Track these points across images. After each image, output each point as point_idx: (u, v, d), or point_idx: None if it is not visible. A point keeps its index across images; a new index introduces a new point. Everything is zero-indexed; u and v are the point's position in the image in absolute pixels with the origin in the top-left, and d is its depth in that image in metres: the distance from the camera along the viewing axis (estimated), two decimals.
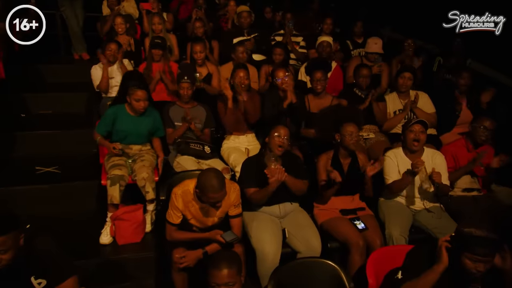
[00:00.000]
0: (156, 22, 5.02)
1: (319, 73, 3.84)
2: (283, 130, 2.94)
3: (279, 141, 2.91)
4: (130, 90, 3.38)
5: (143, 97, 3.37)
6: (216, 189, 2.40)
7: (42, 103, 5.03)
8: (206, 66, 4.42)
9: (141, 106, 3.40)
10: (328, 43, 4.65)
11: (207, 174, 2.44)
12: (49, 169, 3.94)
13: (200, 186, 2.43)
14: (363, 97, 4.02)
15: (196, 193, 2.52)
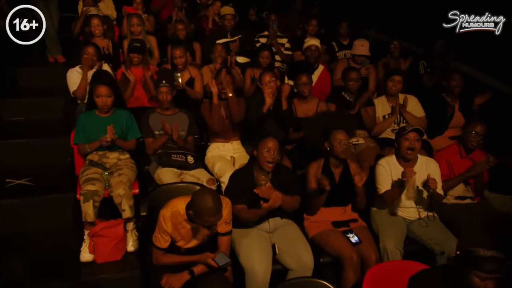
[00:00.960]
0: (134, 23, 4.76)
1: (304, 76, 3.67)
2: (272, 143, 2.73)
3: (269, 157, 2.71)
4: (93, 88, 3.22)
5: (104, 92, 3.19)
6: (213, 212, 2.20)
7: (14, 109, 4.73)
8: (188, 70, 4.19)
9: (103, 102, 3.20)
10: (317, 47, 4.48)
11: (203, 196, 2.22)
12: (21, 181, 3.65)
13: (195, 208, 2.22)
14: (352, 101, 3.87)
15: (189, 214, 2.31)
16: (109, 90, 3.18)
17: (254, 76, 4.39)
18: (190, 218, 2.33)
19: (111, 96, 3.22)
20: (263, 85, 3.46)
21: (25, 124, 4.58)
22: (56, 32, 5.60)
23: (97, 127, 3.23)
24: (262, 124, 3.35)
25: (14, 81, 5.22)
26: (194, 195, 2.24)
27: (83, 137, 3.23)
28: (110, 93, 3.20)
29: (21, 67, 5.41)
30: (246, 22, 6.04)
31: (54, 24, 5.57)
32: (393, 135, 3.85)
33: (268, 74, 3.49)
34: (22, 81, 5.27)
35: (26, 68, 5.45)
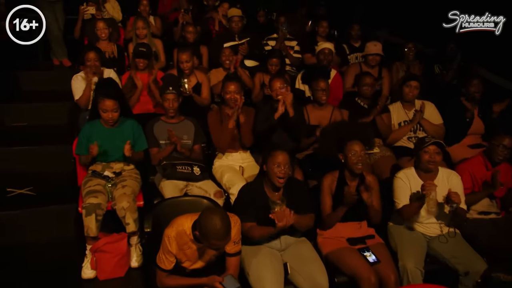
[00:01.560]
0: (140, 26, 4.60)
1: (323, 82, 3.47)
2: (282, 157, 2.52)
3: (280, 173, 2.52)
4: (98, 100, 3.04)
5: (110, 107, 3.01)
6: (221, 236, 2.03)
7: (17, 114, 4.61)
8: (194, 75, 4.01)
9: (109, 117, 3.04)
10: (330, 50, 4.28)
11: (210, 217, 2.03)
12: (22, 191, 3.51)
13: (202, 230, 2.04)
14: (367, 108, 3.67)
15: (195, 235, 2.13)
16: (116, 104, 3.01)
17: (263, 81, 4.21)
18: (196, 238, 2.16)
19: (118, 111, 3.05)
20: (273, 92, 3.27)
21: (28, 130, 4.46)
22: (62, 34, 5.45)
23: (103, 139, 3.07)
24: (272, 134, 3.15)
25: (17, 85, 5.12)
26: (202, 216, 2.07)
27: (86, 148, 3.07)
28: (117, 107, 3.03)
29: (24, 71, 5.30)
30: (254, 24, 5.85)
31: (59, 26, 5.42)
32: (409, 143, 3.68)
33: (278, 80, 3.30)
34: (26, 85, 5.16)
35: (29, 71, 5.34)
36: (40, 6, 5.23)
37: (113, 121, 3.07)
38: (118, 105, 3.04)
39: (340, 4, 6.61)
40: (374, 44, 4.39)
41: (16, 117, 4.58)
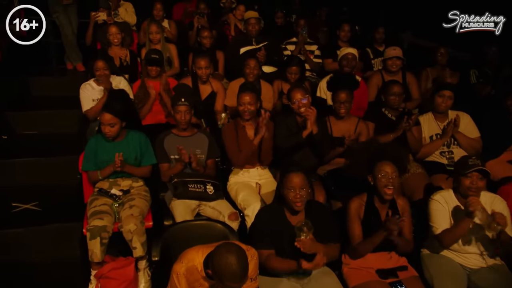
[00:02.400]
0: (153, 31, 4.37)
1: (343, 93, 3.16)
2: (297, 180, 2.23)
3: (295, 198, 2.24)
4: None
5: (108, 121, 2.81)
6: (238, 278, 1.77)
7: (27, 121, 4.41)
8: (209, 83, 3.76)
9: (105, 131, 2.83)
10: (354, 56, 3.97)
11: (225, 257, 1.77)
12: (28, 206, 3.30)
13: (216, 270, 1.78)
14: (395, 120, 3.35)
15: (208, 273, 1.87)
16: (114, 118, 2.81)
17: (282, 89, 3.93)
18: (209, 276, 1.89)
19: (115, 126, 2.83)
20: (294, 103, 2.98)
21: (37, 138, 4.26)
22: (75, 38, 5.26)
23: (109, 153, 2.87)
24: (297, 152, 2.87)
25: (29, 92, 4.93)
26: (215, 254, 1.80)
27: (93, 164, 2.87)
28: (116, 122, 2.82)
29: (37, 76, 5.12)
30: (272, 27, 5.55)
31: (73, 30, 5.25)
32: (441, 158, 3.36)
33: (299, 90, 3.01)
34: (37, 91, 4.96)
35: (42, 77, 5.17)
36: (54, 10, 5.13)
37: (111, 136, 2.86)
38: (117, 120, 2.83)
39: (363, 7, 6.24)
40: (393, 49, 4.06)
41: (26, 125, 4.39)
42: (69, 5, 5.14)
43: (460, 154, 3.28)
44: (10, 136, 4.22)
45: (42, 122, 4.42)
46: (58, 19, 5.16)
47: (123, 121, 2.85)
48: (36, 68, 5.37)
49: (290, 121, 3.03)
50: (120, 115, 2.81)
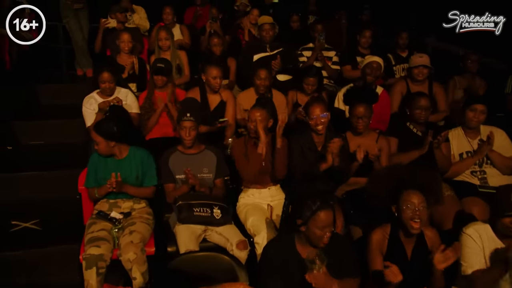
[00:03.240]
0: (163, 37, 4.15)
1: (361, 107, 2.87)
2: (327, 216, 1.97)
3: (326, 238, 1.98)
4: None
5: (94, 137, 2.68)
6: None
7: (34, 131, 4.27)
8: (218, 92, 3.52)
9: (94, 147, 2.69)
10: (379, 65, 3.64)
11: None
12: (27, 225, 3.12)
13: None
14: (421, 135, 3.05)
15: None
16: (98, 137, 2.65)
17: (297, 100, 3.66)
18: None
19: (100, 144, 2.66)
20: (312, 119, 2.71)
21: (43, 149, 4.11)
22: (86, 43, 5.12)
23: (109, 171, 2.67)
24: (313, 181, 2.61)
25: (37, 100, 4.81)
26: None
27: (94, 180, 2.70)
28: (100, 141, 2.65)
29: (45, 83, 5.00)
30: (287, 32, 5.26)
31: (84, 36, 5.12)
32: (473, 178, 3.06)
33: (319, 105, 2.73)
34: (46, 99, 4.85)
35: (50, 84, 5.03)
36: (64, 15, 4.99)
37: (101, 154, 2.70)
38: (101, 139, 2.65)
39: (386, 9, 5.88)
40: (419, 56, 3.74)
41: (33, 135, 4.24)
42: (80, 10, 5.01)
43: (493, 174, 3.01)
44: (15, 146, 4.10)
45: (49, 132, 4.27)
46: (68, 24, 5.03)
47: (112, 141, 2.65)
48: (46, 74, 5.26)
49: (305, 140, 2.77)
50: (107, 136, 2.63)
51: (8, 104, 4.42)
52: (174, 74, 4.19)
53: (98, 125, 2.70)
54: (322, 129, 2.67)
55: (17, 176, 3.56)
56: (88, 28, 5.16)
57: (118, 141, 2.70)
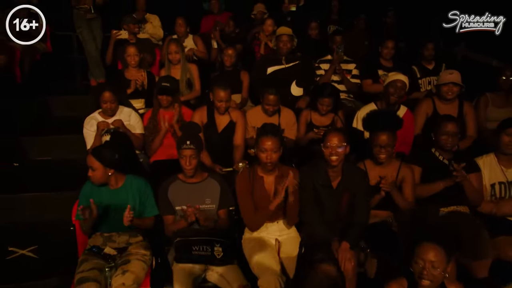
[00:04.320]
0: (173, 50, 3.94)
1: (384, 135, 2.57)
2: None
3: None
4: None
5: (90, 163, 2.43)
6: None
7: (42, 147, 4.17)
8: (228, 113, 3.28)
9: (88, 173, 2.47)
10: (404, 84, 3.29)
11: None
12: (24, 252, 2.98)
13: None
14: (447, 164, 2.72)
15: None
16: (95, 162, 2.42)
17: (311, 120, 3.38)
18: None
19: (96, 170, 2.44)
20: (327, 148, 2.43)
21: (50, 165, 4.01)
22: (99, 54, 4.98)
23: (103, 202, 2.46)
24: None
25: (49, 112, 4.72)
26: None
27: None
28: (97, 167, 2.43)
29: (58, 95, 4.89)
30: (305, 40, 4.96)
31: (97, 46, 4.98)
32: None
33: (337, 135, 2.43)
34: (58, 111, 4.76)
35: (63, 96, 4.91)
36: (77, 25, 4.87)
37: (95, 181, 2.48)
38: (99, 165, 2.43)
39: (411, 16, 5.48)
40: (449, 73, 3.38)
41: (41, 150, 4.15)
42: (93, 20, 4.88)
43: None
44: (22, 162, 3.98)
45: (57, 148, 4.17)
46: (81, 34, 4.91)
47: (111, 169, 2.44)
48: (59, 86, 5.16)
49: (318, 174, 2.48)
50: (107, 163, 2.42)
51: (19, 118, 4.34)
52: (184, 88, 4.00)
53: (97, 150, 2.50)
54: (335, 160, 2.40)
55: (20, 197, 3.45)
56: (102, 38, 5.02)
57: (117, 169, 2.50)
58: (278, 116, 3.35)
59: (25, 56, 4.85)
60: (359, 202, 2.47)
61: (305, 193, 2.47)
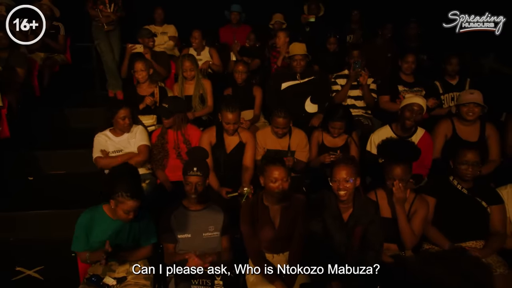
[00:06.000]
0: (187, 68, 3.87)
1: (399, 168, 2.40)
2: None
3: None
4: (119, 197, 2.27)
5: (133, 208, 2.28)
6: None
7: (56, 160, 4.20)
8: (237, 134, 3.17)
9: (130, 218, 2.32)
10: (421, 108, 3.08)
11: None
12: (30, 272, 2.97)
13: None
14: (467, 194, 2.52)
15: None
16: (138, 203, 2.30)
17: (322, 142, 3.24)
18: None
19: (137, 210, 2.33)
20: (335, 182, 2.28)
21: (62, 179, 4.03)
22: (116, 65, 4.99)
23: (104, 233, 2.39)
24: None
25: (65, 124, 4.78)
26: None
27: (84, 244, 2.40)
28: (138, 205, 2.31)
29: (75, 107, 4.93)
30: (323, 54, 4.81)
31: (114, 57, 5.00)
32: None
33: (345, 168, 2.27)
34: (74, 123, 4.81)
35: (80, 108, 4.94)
36: (96, 36, 4.90)
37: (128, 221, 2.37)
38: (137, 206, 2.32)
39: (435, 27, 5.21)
40: (470, 92, 3.17)
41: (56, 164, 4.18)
42: (111, 32, 4.90)
43: None
44: (36, 176, 4.01)
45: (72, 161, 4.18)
46: (99, 46, 4.94)
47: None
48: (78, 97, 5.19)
49: (328, 205, 2.34)
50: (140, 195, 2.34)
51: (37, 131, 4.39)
52: (197, 104, 3.94)
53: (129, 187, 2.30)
54: (344, 195, 2.25)
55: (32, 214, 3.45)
56: (119, 49, 5.03)
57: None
58: (289, 137, 3.21)
59: (44, 68, 4.93)
60: (371, 236, 2.31)
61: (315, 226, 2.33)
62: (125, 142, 3.20)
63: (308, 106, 3.82)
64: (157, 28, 5.22)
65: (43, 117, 4.55)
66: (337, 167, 2.29)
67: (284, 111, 3.08)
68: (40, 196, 3.70)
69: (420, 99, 3.11)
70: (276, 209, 2.42)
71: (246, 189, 2.87)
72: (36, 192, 3.78)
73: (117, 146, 3.17)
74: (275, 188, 2.32)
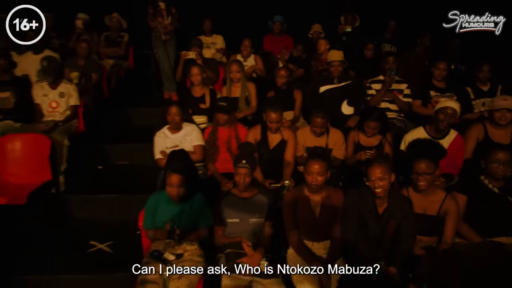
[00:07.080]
0: (234, 70, 3.99)
1: (423, 163, 2.38)
2: None
3: None
4: (166, 174, 2.50)
5: (176, 183, 2.46)
6: None
7: (122, 152, 4.43)
8: (280, 132, 3.24)
9: (174, 193, 2.50)
10: (455, 111, 3.03)
11: None
12: (102, 246, 3.18)
13: None
14: (498, 193, 2.45)
15: None
16: (182, 179, 2.46)
17: (358, 141, 3.24)
18: None
19: (183, 186, 2.48)
20: (371, 181, 2.29)
21: (125, 169, 4.25)
22: (171, 70, 5.20)
23: (167, 216, 2.55)
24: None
25: (129, 122, 5.05)
26: None
27: (151, 222, 2.59)
28: (183, 183, 2.47)
29: (137, 107, 5.18)
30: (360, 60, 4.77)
31: (170, 63, 5.21)
32: None
33: (379, 167, 2.27)
34: (136, 121, 5.06)
35: (141, 107, 5.18)
36: (154, 45, 5.13)
37: (178, 198, 2.51)
38: (183, 181, 2.48)
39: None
40: (503, 98, 3.08)
41: (121, 155, 4.41)
42: (168, 41, 5.10)
43: None
44: (105, 165, 4.27)
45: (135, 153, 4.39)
46: (157, 53, 5.17)
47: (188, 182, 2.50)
48: (139, 98, 5.44)
49: (364, 200, 2.36)
50: (188, 174, 2.49)
51: (106, 127, 4.67)
52: (243, 105, 4.04)
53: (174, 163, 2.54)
54: (380, 192, 2.26)
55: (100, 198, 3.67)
56: (175, 56, 5.22)
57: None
58: (327, 136, 3.24)
59: (112, 73, 5.22)
60: (405, 230, 2.31)
61: (350, 216, 2.35)
62: (181, 138, 3.34)
63: (345, 109, 3.82)
64: (207, 38, 5.40)
65: (110, 116, 4.83)
66: (372, 167, 2.31)
67: (322, 112, 3.12)
68: (107, 182, 3.94)
69: (454, 103, 3.05)
70: (317, 199, 2.47)
71: (287, 182, 2.93)
72: (104, 179, 4.03)
73: (174, 142, 3.32)
74: (309, 180, 2.39)
